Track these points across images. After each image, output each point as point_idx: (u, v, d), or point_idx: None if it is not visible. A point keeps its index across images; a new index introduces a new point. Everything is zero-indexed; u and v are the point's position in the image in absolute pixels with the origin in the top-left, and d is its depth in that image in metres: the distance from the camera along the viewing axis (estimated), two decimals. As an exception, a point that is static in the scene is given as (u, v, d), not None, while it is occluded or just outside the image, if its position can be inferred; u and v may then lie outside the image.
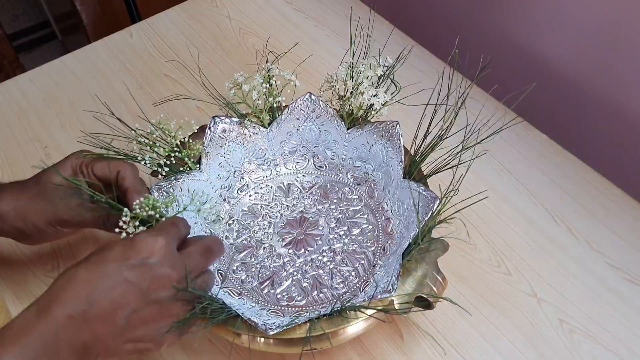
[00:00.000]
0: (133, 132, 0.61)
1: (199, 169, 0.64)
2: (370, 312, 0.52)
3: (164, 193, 0.59)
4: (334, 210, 0.66)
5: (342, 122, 0.67)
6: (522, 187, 0.74)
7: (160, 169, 0.61)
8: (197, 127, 0.66)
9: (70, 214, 0.56)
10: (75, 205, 0.57)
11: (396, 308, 0.53)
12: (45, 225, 0.57)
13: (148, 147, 0.61)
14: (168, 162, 0.61)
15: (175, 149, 0.62)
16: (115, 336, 0.45)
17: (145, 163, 0.60)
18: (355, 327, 0.53)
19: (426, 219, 0.56)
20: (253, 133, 0.67)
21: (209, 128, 0.64)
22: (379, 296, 0.52)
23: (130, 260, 0.46)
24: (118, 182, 0.58)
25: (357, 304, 0.52)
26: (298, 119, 0.68)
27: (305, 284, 0.60)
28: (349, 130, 0.67)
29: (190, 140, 0.64)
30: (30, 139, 0.82)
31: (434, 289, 0.55)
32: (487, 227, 0.70)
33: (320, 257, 0.62)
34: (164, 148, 0.62)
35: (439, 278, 0.56)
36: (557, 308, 0.64)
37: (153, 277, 0.46)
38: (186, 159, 0.63)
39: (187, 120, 0.64)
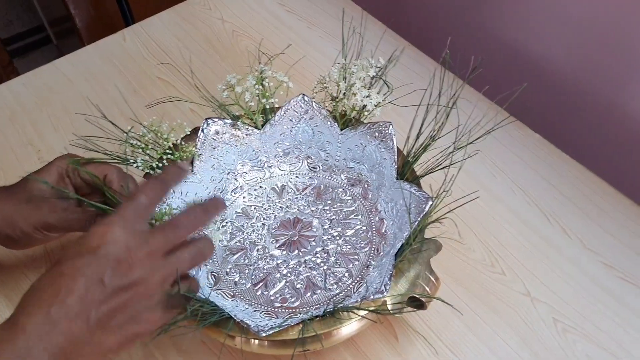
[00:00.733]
0: (125, 134, 0.61)
1: (192, 171, 0.64)
2: (362, 313, 0.52)
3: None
4: (328, 212, 0.66)
5: (335, 123, 0.67)
6: (515, 187, 0.74)
7: (152, 172, 0.61)
8: (190, 129, 0.66)
9: (56, 219, 0.56)
10: (62, 210, 0.57)
11: (389, 309, 0.53)
12: (32, 231, 0.57)
13: (140, 150, 0.61)
14: (160, 165, 0.61)
15: (168, 151, 0.62)
16: (93, 332, 0.43)
17: (137, 166, 0.60)
18: (349, 327, 0.53)
19: (419, 219, 0.56)
20: (246, 135, 0.67)
21: (202, 130, 0.64)
22: (372, 297, 0.52)
23: (83, 254, 0.43)
24: (106, 186, 0.58)
25: (350, 305, 0.52)
26: (291, 120, 0.68)
27: (298, 285, 0.60)
28: (342, 132, 0.67)
29: (183, 143, 0.64)
30: (23, 143, 0.81)
31: (427, 289, 0.55)
32: (481, 227, 0.70)
33: (313, 259, 0.62)
34: (156, 150, 0.62)
35: (432, 278, 0.56)
36: (551, 307, 0.64)
37: (111, 265, 0.43)
38: (178, 161, 0.63)
39: (179, 122, 0.64)
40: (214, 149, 0.65)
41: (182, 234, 0.47)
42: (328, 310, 0.52)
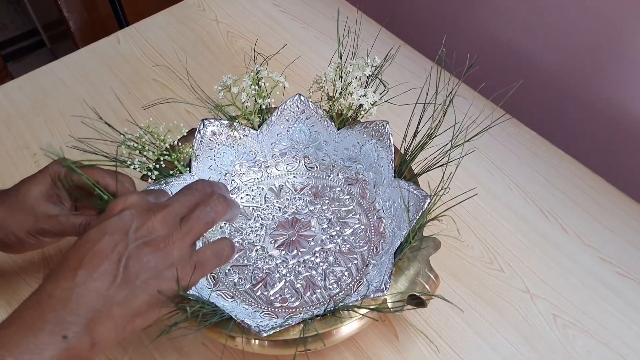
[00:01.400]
0: (122, 136, 0.60)
1: (189, 172, 0.64)
2: (363, 311, 0.52)
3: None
4: (326, 211, 0.66)
5: (332, 123, 0.67)
6: (512, 184, 0.74)
7: (150, 173, 0.61)
8: (187, 131, 0.66)
9: (50, 224, 0.56)
10: (55, 215, 0.56)
11: (389, 307, 0.53)
12: (25, 236, 0.56)
13: (137, 151, 0.61)
14: (157, 166, 0.61)
15: (165, 152, 0.62)
16: (120, 290, 0.43)
17: (134, 167, 0.60)
18: (350, 326, 0.53)
19: (417, 217, 0.56)
20: (243, 135, 0.67)
21: (199, 131, 0.64)
22: (372, 295, 0.52)
23: (106, 219, 0.45)
24: (102, 189, 0.58)
25: (350, 304, 0.52)
26: (288, 120, 0.68)
27: (298, 285, 0.60)
28: (339, 131, 0.67)
29: (180, 144, 0.63)
30: (19, 147, 0.81)
31: (427, 287, 0.55)
32: (479, 224, 0.71)
33: (313, 258, 0.62)
34: (153, 152, 0.61)
35: (432, 276, 0.56)
36: (550, 303, 0.64)
37: (134, 223, 0.45)
38: (176, 162, 0.62)
39: (176, 124, 0.64)
40: (210, 149, 0.65)
41: (195, 196, 0.49)
42: (329, 309, 0.52)
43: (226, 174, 0.68)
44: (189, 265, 0.46)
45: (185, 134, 0.65)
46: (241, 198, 0.68)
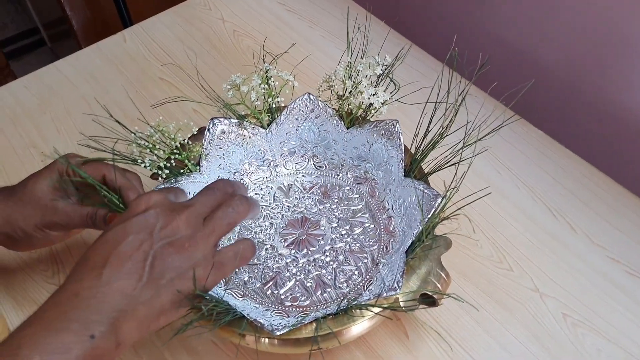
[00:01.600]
0: (132, 134, 0.60)
1: (199, 171, 0.64)
2: (376, 310, 0.52)
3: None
4: (335, 210, 0.66)
5: (342, 122, 0.67)
6: (521, 184, 0.75)
7: (160, 172, 0.61)
8: (197, 129, 0.66)
9: (58, 216, 0.56)
10: (63, 207, 0.57)
11: (401, 305, 0.53)
12: (33, 230, 0.57)
13: (148, 150, 0.61)
14: (168, 165, 0.61)
15: (175, 151, 0.62)
16: (146, 289, 0.43)
17: (145, 166, 0.60)
18: (361, 326, 0.53)
19: (428, 216, 0.56)
20: (252, 134, 0.67)
21: (208, 130, 0.64)
22: (385, 294, 0.52)
23: (129, 218, 0.45)
24: (108, 184, 0.58)
25: (364, 302, 0.52)
26: (297, 119, 0.68)
27: (308, 284, 0.60)
28: (348, 130, 0.67)
29: (190, 143, 0.63)
30: (26, 145, 0.81)
31: (438, 285, 0.55)
32: (488, 224, 0.71)
33: (323, 257, 0.62)
34: (163, 150, 0.61)
35: (443, 275, 0.56)
36: (560, 302, 0.64)
37: (158, 222, 0.45)
38: (186, 161, 0.62)
39: (186, 122, 0.64)
40: (220, 148, 0.65)
41: (217, 196, 0.49)
42: (342, 308, 0.52)
43: (235, 172, 0.67)
44: (211, 265, 0.46)
45: (195, 132, 0.65)
46: (251, 197, 0.68)
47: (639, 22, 0.77)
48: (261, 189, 0.69)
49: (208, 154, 0.64)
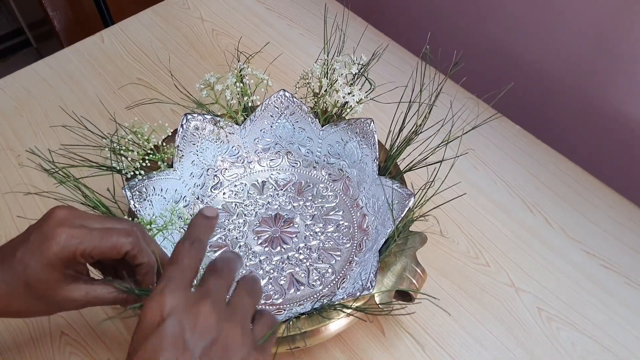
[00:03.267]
0: (106, 139, 0.60)
1: (172, 167, 0.63)
2: (350, 310, 0.52)
3: (137, 192, 0.59)
4: (309, 208, 0.66)
5: (317, 120, 0.67)
6: (497, 179, 0.75)
7: (137, 173, 0.60)
8: (172, 130, 0.65)
9: (80, 304, 0.49)
10: (85, 293, 0.48)
11: (377, 303, 0.53)
12: (39, 315, 0.50)
13: (120, 153, 0.60)
14: (143, 165, 0.61)
15: (149, 151, 0.61)
16: None
17: (125, 172, 0.60)
18: (337, 324, 0.53)
19: (402, 215, 0.56)
20: (228, 132, 0.67)
21: (181, 125, 0.64)
22: (358, 293, 0.52)
23: (149, 336, 0.38)
24: (125, 258, 0.49)
25: (337, 302, 0.52)
26: (272, 116, 0.67)
27: (282, 282, 0.60)
28: (323, 128, 0.67)
29: (164, 144, 0.63)
30: (2, 148, 0.80)
31: (414, 281, 0.55)
32: (464, 219, 0.71)
33: (296, 255, 0.62)
34: (137, 152, 0.61)
35: (419, 271, 0.56)
36: (535, 297, 0.64)
37: (186, 332, 0.39)
38: (159, 162, 0.62)
39: (160, 123, 0.64)
40: (193, 144, 0.65)
41: (228, 276, 0.44)
42: (315, 308, 0.52)
43: (209, 169, 0.67)
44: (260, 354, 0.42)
45: (170, 133, 0.65)
46: (224, 194, 0.68)
47: (615, 19, 0.77)
48: (235, 185, 0.69)
49: (181, 150, 0.64)
